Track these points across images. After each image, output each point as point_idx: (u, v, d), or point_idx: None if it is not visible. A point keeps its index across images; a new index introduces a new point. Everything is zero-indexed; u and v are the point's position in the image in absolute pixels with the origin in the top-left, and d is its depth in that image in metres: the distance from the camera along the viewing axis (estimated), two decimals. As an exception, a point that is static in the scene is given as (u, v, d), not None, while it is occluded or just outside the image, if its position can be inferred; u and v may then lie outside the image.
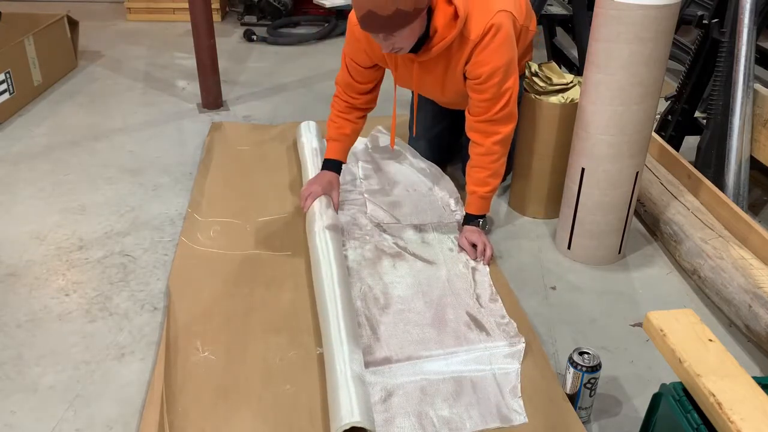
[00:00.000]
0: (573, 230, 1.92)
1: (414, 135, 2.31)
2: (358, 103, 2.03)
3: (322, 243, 1.81)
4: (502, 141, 1.86)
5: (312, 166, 2.23)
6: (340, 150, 2.06)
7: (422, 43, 1.74)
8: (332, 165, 2.07)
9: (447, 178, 2.29)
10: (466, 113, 1.88)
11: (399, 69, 1.90)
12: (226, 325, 1.64)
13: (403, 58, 1.84)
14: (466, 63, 1.78)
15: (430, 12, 1.70)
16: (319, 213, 1.93)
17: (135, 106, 2.98)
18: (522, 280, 1.86)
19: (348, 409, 1.30)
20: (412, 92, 2.00)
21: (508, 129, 1.85)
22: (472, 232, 1.91)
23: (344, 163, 2.10)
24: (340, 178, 2.09)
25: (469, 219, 1.95)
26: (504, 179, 2.30)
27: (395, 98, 2.09)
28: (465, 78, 1.83)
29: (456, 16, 1.69)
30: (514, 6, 1.82)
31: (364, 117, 2.08)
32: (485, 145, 1.86)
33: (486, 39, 1.72)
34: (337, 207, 2.03)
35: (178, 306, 1.68)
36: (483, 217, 1.95)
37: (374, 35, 1.67)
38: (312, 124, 2.53)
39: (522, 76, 2.09)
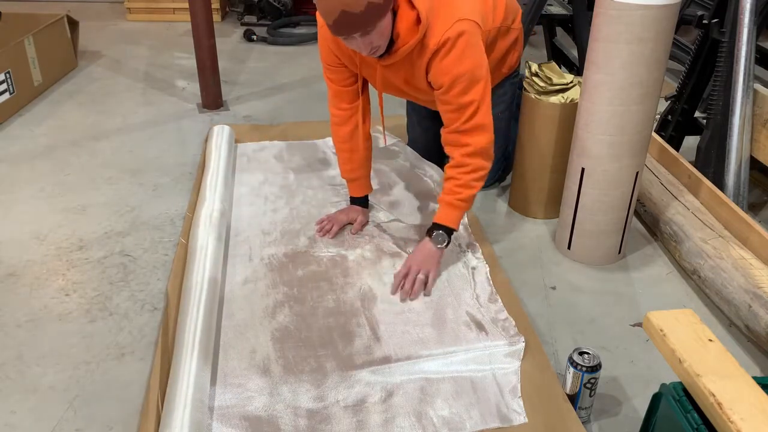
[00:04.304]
0: (573, 230, 1.92)
1: (410, 136, 2.29)
2: (352, 113, 1.90)
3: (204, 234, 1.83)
4: (472, 154, 1.73)
5: (214, 173, 2.17)
6: (360, 186, 2.02)
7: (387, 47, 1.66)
8: (358, 202, 2.04)
9: (447, 178, 2.28)
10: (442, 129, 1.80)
11: (362, 69, 1.81)
12: (225, 325, 1.64)
13: (366, 60, 1.74)
14: (427, 70, 1.70)
15: (394, 16, 1.61)
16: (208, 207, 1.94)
17: (135, 106, 2.98)
18: (522, 280, 1.86)
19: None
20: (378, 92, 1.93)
21: (479, 141, 1.72)
22: (422, 254, 1.77)
23: (370, 192, 2.05)
24: None
25: (430, 230, 1.79)
26: (504, 179, 2.31)
27: (370, 94, 2.03)
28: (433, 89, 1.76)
29: (418, 21, 1.62)
30: (480, 11, 1.72)
31: (366, 133, 1.94)
32: (455, 157, 1.76)
33: (444, 49, 1.63)
34: (358, 229, 2.00)
35: (176, 308, 1.67)
36: (449, 231, 1.78)
37: (350, 39, 1.57)
38: (226, 128, 2.46)
39: (517, 75, 2.09)
